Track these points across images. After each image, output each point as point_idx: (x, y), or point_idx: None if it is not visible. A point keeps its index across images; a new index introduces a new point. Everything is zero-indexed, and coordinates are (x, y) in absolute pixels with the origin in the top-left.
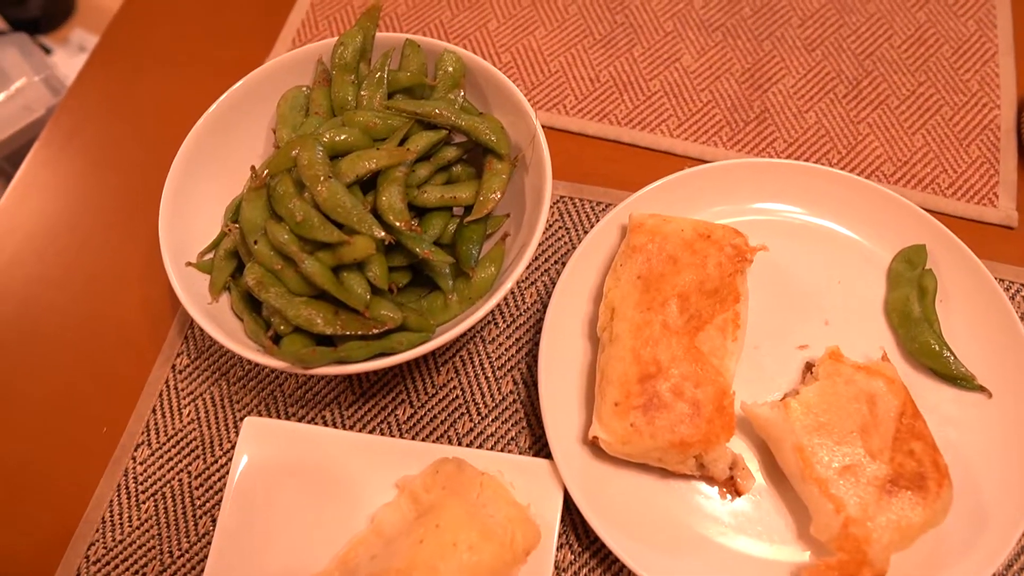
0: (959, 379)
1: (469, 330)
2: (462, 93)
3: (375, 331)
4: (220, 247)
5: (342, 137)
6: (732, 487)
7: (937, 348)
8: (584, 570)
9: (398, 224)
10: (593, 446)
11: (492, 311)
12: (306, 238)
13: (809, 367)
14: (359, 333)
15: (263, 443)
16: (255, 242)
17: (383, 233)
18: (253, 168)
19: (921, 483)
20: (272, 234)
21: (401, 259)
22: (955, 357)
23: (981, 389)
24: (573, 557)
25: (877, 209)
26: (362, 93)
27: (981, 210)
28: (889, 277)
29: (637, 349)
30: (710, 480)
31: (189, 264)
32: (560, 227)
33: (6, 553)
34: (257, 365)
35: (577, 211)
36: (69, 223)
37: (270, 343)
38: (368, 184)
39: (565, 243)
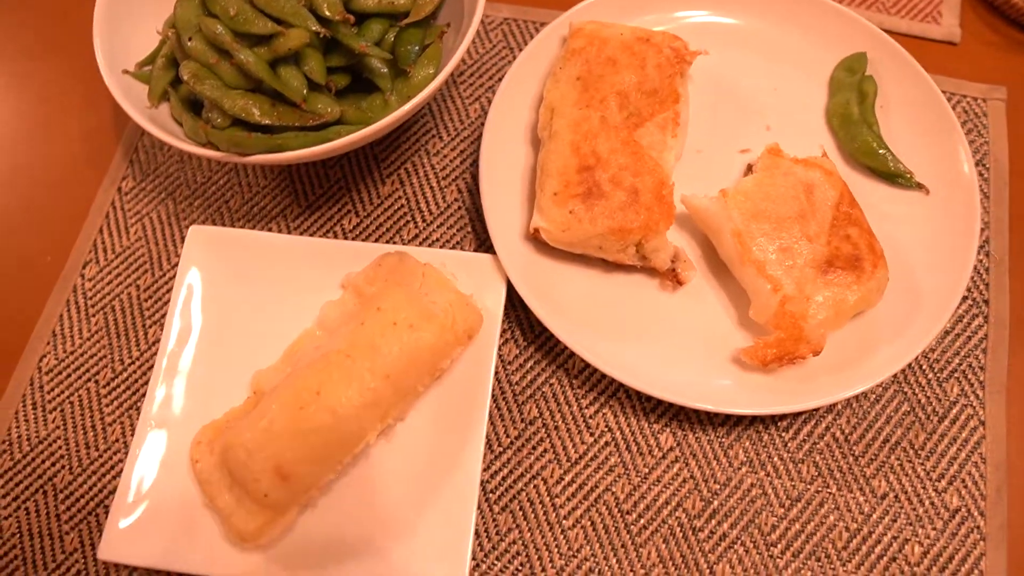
0: (897, 176)
1: (412, 136)
2: None
3: (312, 123)
4: (158, 56)
5: None
6: (674, 278)
7: (876, 146)
8: (529, 363)
9: (333, 16)
10: (535, 242)
11: (436, 124)
12: (240, 32)
13: (750, 168)
14: (296, 125)
15: (209, 250)
16: (190, 39)
17: (318, 25)
18: None
19: (857, 264)
20: (206, 28)
21: (340, 59)
22: (893, 155)
23: (919, 186)
24: (518, 351)
25: (819, 19)
26: None
27: (925, 27)
28: (830, 84)
29: (576, 142)
30: (652, 271)
31: (126, 72)
32: (504, 47)
33: None
34: (202, 184)
35: (521, 31)
36: (4, 55)
37: (207, 126)
38: None
39: (509, 63)
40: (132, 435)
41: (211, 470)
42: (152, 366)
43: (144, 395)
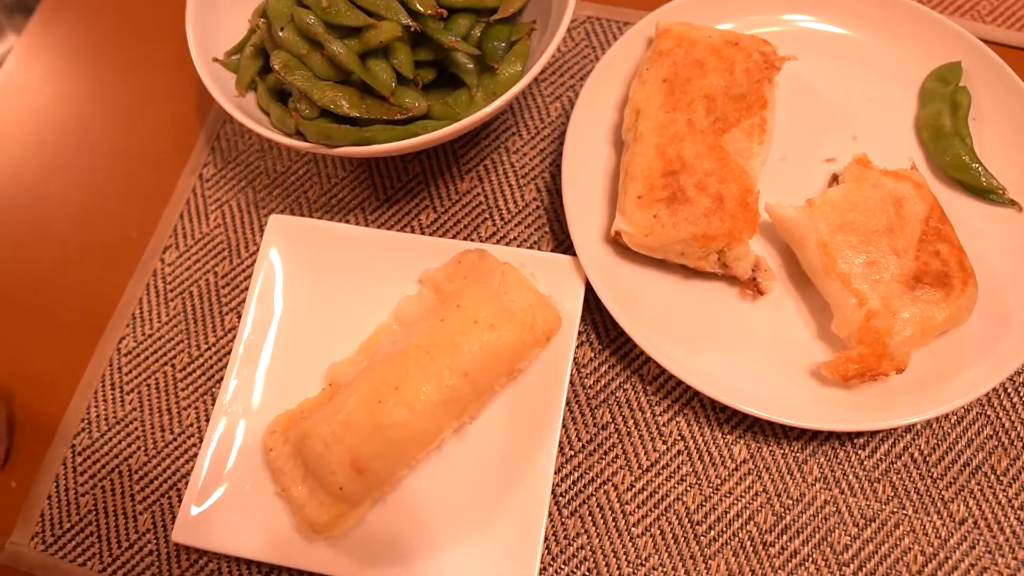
0: (989, 192)
1: (492, 134)
2: None
3: (399, 116)
4: (247, 45)
5: None
6: (754, 287)
7: (967, 160)
8: (604, 367)
9: (424, 9)
10: (615, 245)
11: (516, 122)
12: (332, 24)
13: (835, 178)
14: (384, 118)
15: (288, 240)
16: (281, 29)
17: (409, 19)
18: None
19: (946, 281)
20: (299, 19)
21: (427, 53)
22: (986, 170)
23: (1011, 203)
24: (593, 354)
25: (912, 26)
26: None
27: (1022, 36)
28: (921, 95)
29: (662, 146)
30: (732, 280)
31: (216, 60)
32: (587, 46)
33: (44, 344)
34: (282, 173)
35: (604, 31)
36: (96, 44)
37: (297, 116)
38: None
39: (591, 62)
40: (206, 421)
41: (285, 459)
42: (228, 353)
43: (219, 381)
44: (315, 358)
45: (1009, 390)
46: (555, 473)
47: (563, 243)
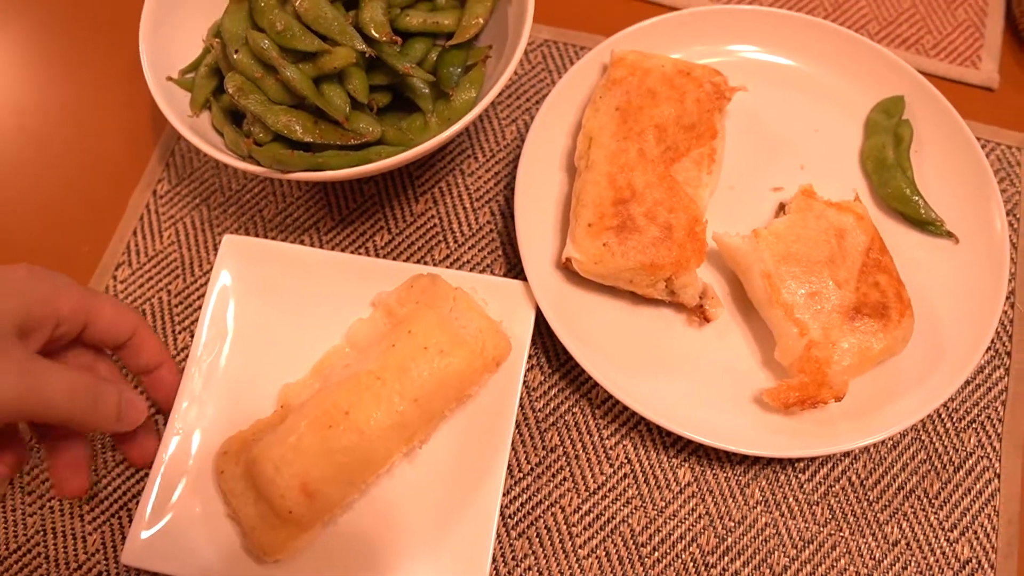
0: (927, 224)
1: (447, 156)
2: None
3: (353, 142)
4: (202, 64)
5: None
6: (701, 314)
7: (908, 192)
8: (553, 390)
9: (379, 37)
10: (566, 271)
11: (472, 144)
12: (287, 48)
13: (782, 207)
14: (338, 143)
15: (242, 260)
16: (236, 52)
17: (364, 45)
18: None
19: (884, 312)
20: (253, 42)
21: (382, 78)
22: (925, 202)
23: (948, 235)
24: (543, 378)
25: (858, 60)
26: None
27: (963, 71)
28: (866, 127)
29: (613, 174)
30: (680, 307)
31: (170, 79)
32: (543, 69)
33: None
34: (237, 192)
35: (560, 55)
36: (47, 52)
37: (250, 142)
38: (351, 5)
39: (547, 85)
40: (158, 440)
41: (236, 481)
42: (180, 372)
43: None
44: (268, 379)
45: (942, 415)
46: (504, 495)
47: (516, 266)
